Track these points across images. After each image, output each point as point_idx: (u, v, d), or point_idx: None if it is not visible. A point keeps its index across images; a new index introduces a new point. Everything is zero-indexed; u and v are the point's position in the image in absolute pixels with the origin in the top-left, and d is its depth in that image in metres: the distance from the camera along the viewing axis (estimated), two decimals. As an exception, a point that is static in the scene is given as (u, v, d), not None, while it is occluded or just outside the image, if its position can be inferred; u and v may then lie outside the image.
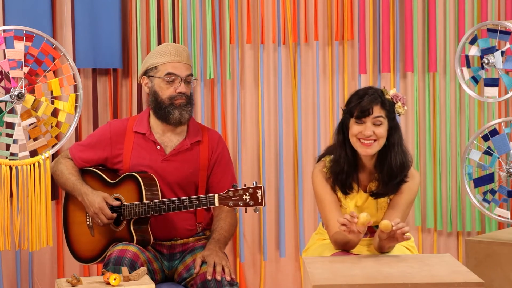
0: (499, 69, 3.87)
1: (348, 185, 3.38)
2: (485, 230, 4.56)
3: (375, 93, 3.32)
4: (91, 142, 3.68)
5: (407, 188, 3.38)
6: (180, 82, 3.55)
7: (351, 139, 3.34)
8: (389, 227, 3.06)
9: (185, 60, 3.58)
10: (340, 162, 3.38)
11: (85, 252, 3.66)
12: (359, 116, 3.30)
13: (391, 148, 3.35)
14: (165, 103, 3.56)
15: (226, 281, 3.40)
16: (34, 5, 4.23)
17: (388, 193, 3.37)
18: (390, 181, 3.35)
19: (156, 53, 3.60)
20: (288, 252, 4.61)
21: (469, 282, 2.73)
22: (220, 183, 3.62)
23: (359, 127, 3.30)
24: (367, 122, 3.30)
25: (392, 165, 3.34)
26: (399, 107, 3.35)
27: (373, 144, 3.30)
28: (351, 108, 3.32)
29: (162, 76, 3.55)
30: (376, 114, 3.29)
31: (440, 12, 4.54)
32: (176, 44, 3.64)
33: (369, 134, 3.28)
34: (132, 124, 3.66)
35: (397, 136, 3.36)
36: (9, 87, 3.67)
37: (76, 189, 3.61)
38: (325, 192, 3.41)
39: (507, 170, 3.95)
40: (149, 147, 3.62)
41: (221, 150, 3.67)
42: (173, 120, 3.56)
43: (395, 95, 3.35)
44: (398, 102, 3.35)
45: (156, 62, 3.58)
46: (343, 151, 3.37)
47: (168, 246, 3.62)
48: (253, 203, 3.32)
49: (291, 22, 4.50)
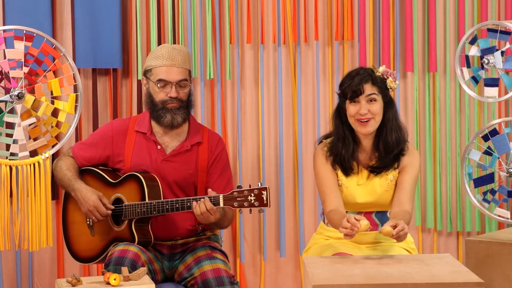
0: (499, 69, 3.86)
1: (349, 166, 3.45)
2: (485, 230, 4.56)
3: (365, 72, 3.42)
4: (93, 141, 3.69)
5: (409, 165, 3.45)
6: (172, 87, 3.56)
7: (349, 120, 3.42)
8: (390, 234, 3.09)
9: (178, 64, 3.57)
10: (339, 144, 3.47)
11: (84, 252, 3.66)
12: (352, 96, 3.39)
13: (387, 123, 3.44)
14: (158, 106, 3.58)
15: (227, 279, 3.41)
16: (34, 5, 4.23)
17: (388, 167, 3.44)
18: (387, 155, 3.43)
19: (152, 55, 3.62)
20: (288, 252, 4.61)
21: (469, 282, 2.72)
22: (216, 183, 3.62)
23: (354, 107, 3.39)
24: (361, 101, 3.38)
25: (388, 140, 3.42)
26: (390, 82, 3.43)
27: (370, 121, 3.39)
28: (344, 90, 3.42)
29: (154, 81, 3.57)
30: (368, 92, 3.38)
31: (440, 12, 4.54)
32: (173, 46, 3.62)
33: (364, 112, 3.37)
34: (134, 123, 3.67)
35: (392, 111, 3.45)
36: (9, 87, 3.67)
37: (70, 185, 3.61)
38: (324, 170, 3.48)
39: (507, 170, 3.95)
40: (150, 147, 3.62)
41: (219, 151, 3.67)
42: (165, 123, 3.57)
43: (385, 71, 3.43)
44: (389, 77, 3.44)
45: (151, 65, 3.60)
46: (341, 133, 3.47)
47: (169, 246, 3.62)
48: (258, 204, 3.32)
49: (291, 22, 4.50)
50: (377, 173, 3.45)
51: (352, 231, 3.12)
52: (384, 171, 3.45)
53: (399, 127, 3.47)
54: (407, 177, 3.45)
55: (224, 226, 3.65)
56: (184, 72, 3.59)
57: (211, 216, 3.41)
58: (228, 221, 3.63)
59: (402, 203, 3.39)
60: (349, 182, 3.46)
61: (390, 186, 3.46)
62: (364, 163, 3.49)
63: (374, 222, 3.49)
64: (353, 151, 3.46)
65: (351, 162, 3.45)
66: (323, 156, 3.50)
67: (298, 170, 4.57)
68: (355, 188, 3.45)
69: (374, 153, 3.47)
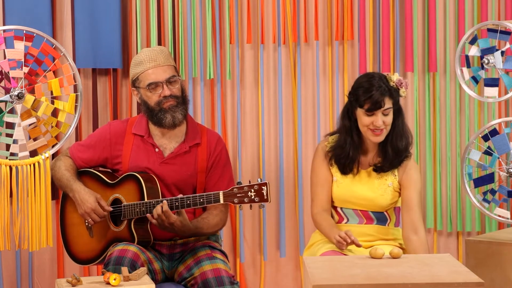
0: (499, 69, 3.87)
1: (350, 168, 3.51)
2: (485, 230, 4.56)
3: (382, 84, 3.43)
4: (90, 143, 3.68)
5: (413, 181, 3.51)
6: (162, 86, 3.55)
7: (361, 128, 3.47)
8: (400, 255, 3.12)
9: (161, 63, 3.56)
10: (346, 147, 3.51)
11: (84, 254, 3.65)
12: (370, 109, 3.42)
13: (396, 130, 3.50)
14: (155, 109, 3.56)
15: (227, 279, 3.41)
16: (34, 5, 4.23)
17: (392, 168, 3.51)
18: (396, 159, 3.50)
19: (134, 63, 3.60)
20: (288, 252, 4.61)
21: (469, 282, 2.73)
22: (217, 185, 3.61)
23: (369, 119, 3.43)
24: (378, 114, 3.42)
25: (398, 145, 3.49)
26: (403, 92, 3.49)
27: (383, 131, 3.45)
28: (361, 102, 3.43)
29: (145, 87, 3.56)
30: (387, 106, 3.43)
31: (440, 12, 4.54)
32: (150, 49, 3.61)
33: (380, 124, 3.42)
34: (132, 125, 3.66)
35: (401, 118, 3.51)
36: (9, 87, 3.67)
37: (68, 185, 3.61)
38: (319, 168, 3.56)
39: (507, 170, 3.95)
40: (148, 150, 3.61)
41: (219, 152, 3.66)
42: (167, 124, 3.56)
43: (399, 80, 3.47)
44: (402, 87, 3.49)
45: (136, 73, 3.58)
46: (348, 137, 3.51)
47: (168, 246, 3.62)
48: (259, 200, 3.32)
49: (291, 22, 4.50)
50: (379, 172, 3.48)
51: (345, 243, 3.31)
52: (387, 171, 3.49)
53: (407, 132, 3.54)
54: (414, 195, 3.50)
55: (203, 233, 3.59)
56: (170, 69, 3.57)
57: (165, 221, 3.38)
58: (216, 229, 3.60)
59: (417, 230, 3.45)
60: (345, 179, 3.51)
61: (387, 191, 3.49)
62: (364, 164, 3.52)
63: (371, 217, 3.53)
64: (357, 155, 3.49)
65: (352, 164, 3.48)
66: (323, 153, 3.56)
67: (298, 170, 4.57)
68: (351, 183, 3.50)
69: (377, 155, 3.50)
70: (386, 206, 3.52)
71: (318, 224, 3.54)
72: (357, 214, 3.54)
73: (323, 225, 3.49)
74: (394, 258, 3.09)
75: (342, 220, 3.57)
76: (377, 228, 3.54)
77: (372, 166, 3.51)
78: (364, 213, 3.53)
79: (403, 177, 3.51)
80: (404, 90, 3.48)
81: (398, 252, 3.08)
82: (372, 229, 3.54)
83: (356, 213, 3.54)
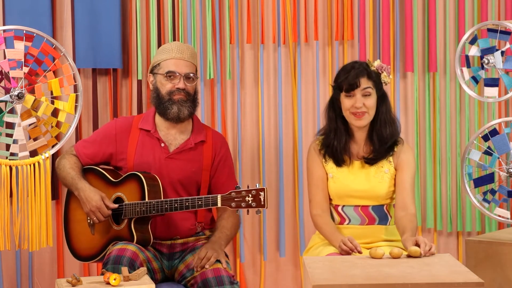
0: (499, 69, 3.86)
1: (341, 157, 3.54)
2: (485, 230, 4.56)
3: (360, 66, 3.52)
4: (96, 138, 3.70)
5: (406, 163, 3.54)
6: (180, 79, 3.58)
7: (344, 113, 3.51)
8: (418, 253, 3.12)
9: (186, 58, 3.61)
10: (331, 136, 3.56)
11: (84, 250, 3.66)
12: (348, 89, 3.48)
13: (380, 116, 3.54)
14: (165, 98, 3.59)
15: (227, 279, 3.41)
16: (34, 5, 4.23)
17: (382, 157, 3.53)
18: (381, 147, 3.52)
19: (160, 50, 3.67)
20: (288, 252, 4.61)
21: (469, 282, 2.73)
22: (225, 185, 3.63)
23: (350, 101, 3.48)
24: (357, 94, 3.47)
25: (383, 133, 3.52)
26: (384, 77, 3.53)
27: (365, 115, 3.48)
28: (339, 83, 3.51)
29: (163, 73, 3.58)
30: (364, 86, 3.48)
31: (440, 12, 4.54)
32: (181, 43, 3.69)
33: (360, 105, 3.46)
34: (138, 121, 3.69)
35: (385, 105, 3.55)
36: (9, 87, 3.67)
37: (73, 184, 3.62)
38: (314, 167, 3.58)
39: (507, 170, 3.95)
40: (153, 144, 3.63)
41: (224, 152, 3.70)
42: (171, 115, 3.58)
43: (380, 65, 3.53)
44: (383, 72, 3.54)
45: (159, 59, 3.64)
46: (333, 125, 3.56)
47: (168, 245, 3.62)
48: (256, 205, 3.33)
49: (291, 22, 4.50)
50: (371, 164, 3.51)
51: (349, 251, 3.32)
52: (378, 161, 3.53)
53: (393, 120, 3.58)
54: (406, 176, 3.53)
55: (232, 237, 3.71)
56: (192, 67, 3.64)
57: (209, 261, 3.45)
58: (236, 230, 3.69)
59: (406, 207, 3.48)
60: (341, 173, 3.53)
61: (384, 178, 3.52)
62: (356, 155, 3.56)
63: (372, 216, 3.53)
64: (345, 143, 3.53)
65: (343, 153, 3.52)
66: (315, 152, 3.60)
67: (298, 170, 4.57)
68: (347, 176, 3.52)
69: (366, 145, 3.55)
70: (385, 194, 3.52)
71: (319, 227, 3.54)
72: (358, 214, 3.54)
73: (325, 229, 3.50)
74: (394, 258, 3.09)
75: (344, 221, 3.56)
76: (379, 228, 3.54)
77: (363, 158, 3.54)
78: (365, 211, 3.52)
79: (398, 162, 3.54)
80: (386, 75, 3.52)
81: (398, 252, 3.08)
82: (374, 230, 3.53)
83: (357, 212, 3.54)
